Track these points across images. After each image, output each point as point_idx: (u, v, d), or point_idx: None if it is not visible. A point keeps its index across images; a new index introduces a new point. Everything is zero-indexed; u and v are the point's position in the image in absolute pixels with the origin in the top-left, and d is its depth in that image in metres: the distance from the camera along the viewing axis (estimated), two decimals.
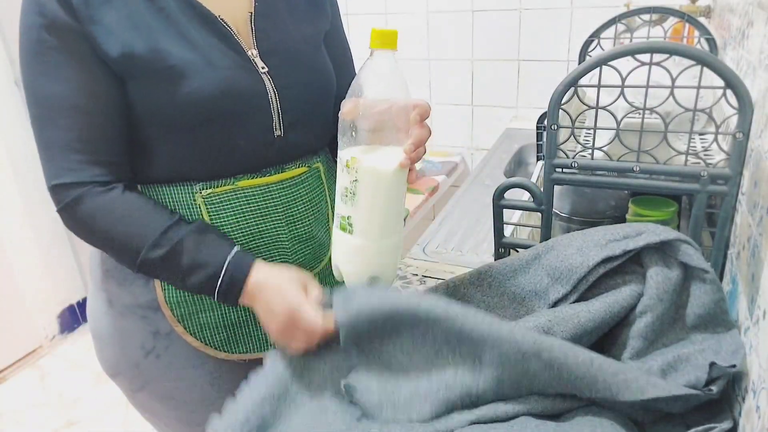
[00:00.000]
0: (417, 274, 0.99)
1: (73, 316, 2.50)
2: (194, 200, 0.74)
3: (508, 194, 0.71)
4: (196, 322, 0.78)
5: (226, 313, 0.79)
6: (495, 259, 0.76)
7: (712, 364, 0.50)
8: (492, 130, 2.09)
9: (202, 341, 0.79)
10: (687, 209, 0.82)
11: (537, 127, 1.01)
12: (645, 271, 0.57)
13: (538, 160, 1.09)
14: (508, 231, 0.80)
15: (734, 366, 0.49)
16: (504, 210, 0.73)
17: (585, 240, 0.60)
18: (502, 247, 0.75)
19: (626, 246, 0.57)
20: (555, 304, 0.60)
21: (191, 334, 0.78)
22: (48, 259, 2.34)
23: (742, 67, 0.78)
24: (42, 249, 2.31)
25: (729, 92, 0.57)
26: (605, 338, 0.58)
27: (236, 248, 0.70)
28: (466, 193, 1.43)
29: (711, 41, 0.98)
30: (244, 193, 0.75)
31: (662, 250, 0.57)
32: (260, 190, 0.76)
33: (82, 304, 2.52)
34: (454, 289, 0.67)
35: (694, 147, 0.77)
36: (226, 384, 0.83)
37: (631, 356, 0.55)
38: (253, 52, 0.73)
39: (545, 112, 0.69)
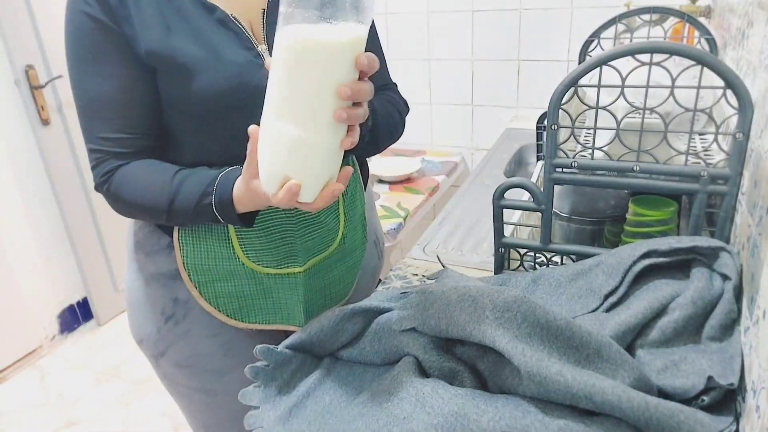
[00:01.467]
0: (417, 274, 0.99)
1: (73, 316, 2.50)
2: None
3: (508, 194, 0.71)
4: (212, 290, 0.84)
5: (239, 286, 0.84)
6: (495, 259, 0.76)
7: (710, 378, 0.51)
8: (492, 130, 2.09)
9: (216, 308, 0.84)
10: (687, 209, 0.82)
11: (537, 127, 1.01)
12: (690, 280, 0.59)
13: (538, 160, 1.09)
14: (508, 231, 0.80)
15: (732, 384, 0.50)
16: (504, 210, 0.73)
17: (643, 242, 0.62)
18: (502, 247, 0.75)
19: (675, 244, 0.59)
20: (606, 298, 0.62)
21: (206, 301, 0.84)
22: (48, 259, 2.34)
23: (742, 67, 0.78)
24: (42, 249, 2.31)
25: (729, 92, 0.57)
26: None
27: (222, 173, 0.73)
28: (466, 193, 1.43)
29: (711, 41, 0.98)
30: None
31: (710, 265, 0.59)
32: None
33: (82, 304, 2.52)
34: (509, 279, 0.70)
35: (694, 147, 0.77)
36: (239, 355, 0.88)
37: (642, 344, 0.56)
38: (263, 47, 0.76)
39: (545, 112, 0.69)
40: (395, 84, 1.01)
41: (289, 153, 0.57)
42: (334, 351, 0.67)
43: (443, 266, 0.72)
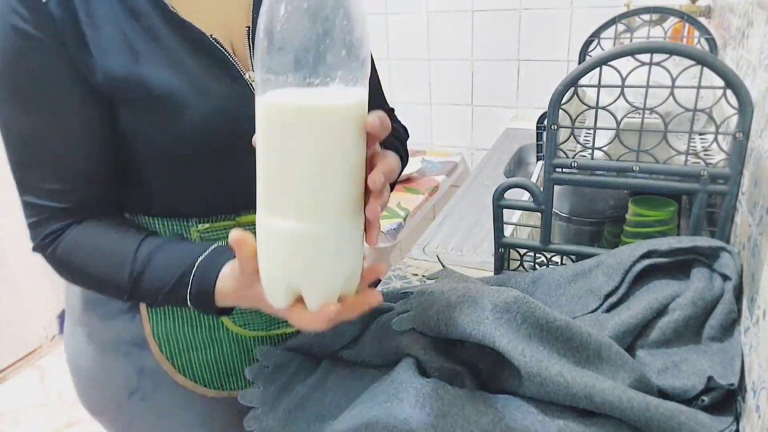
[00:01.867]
0: (417, 274, 0.99)
1: None
2: (189, 234, 0.68)
3: (508, 194, 0.71)
4: (187, 359, 0.72)
5: (219, 351, 0.73)
6: (495, 259, 0.76)
7: (710, 379, 0.51)
8: (492, 130, 2.09)
9: (192, 379, 0.73)
10: (687, 209, 0.82)
11: (537, 127, 1.01)
12: (690, 280, 0.59)
13: (538, 160, 1.09)
14: (508, 231, 0.80)
15: (732, 385, 0.50)
16: (504, 210, 0.73)
17: (643, 242, 0.62)
18: (502, 247, 0.75)
19: (675, 244, 0.59)
20: (606, 298, 0.62)
21: (181, 373, 0.72)
22: None
23: (742, 67, 0.78)
24: None
25: (729, 92, 0.57)
26: None
27: (205, 253, 0.59)
28: (466, 193, 1.43)
29: (711, 41, 0.98)
30: (245, 229, 0.67)
31: (710, 265, 0.59)
32: None
33: None
34: (509, 279, 0.69)
35: (694, 147, 0.77)
36: (217, 423, 0.77)
37: (642, 345, 0.56)
38: (250, 75, 0.64)
39: (545, 112, 0.69)
40: (393, 109, 0.89)
41: (289, 253, 0.44)
42: (334, 352, 0.67)
43: (443, 266, 0.72)
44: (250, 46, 0.65)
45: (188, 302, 0.58)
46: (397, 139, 0.80)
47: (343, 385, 0.62)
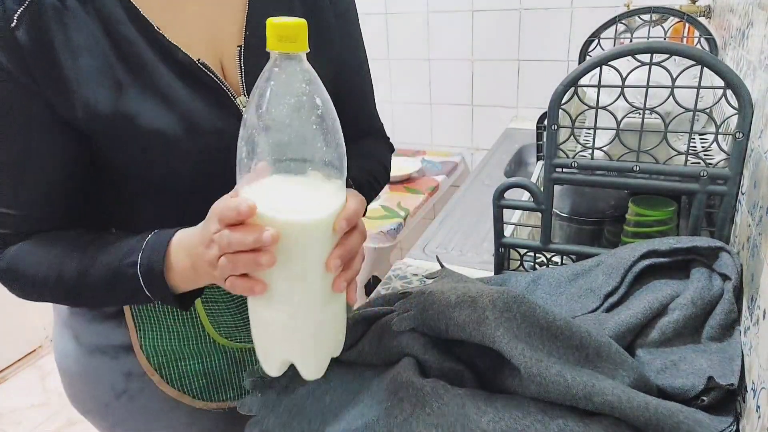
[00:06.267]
0: (417, 274, 0.99)
1: None
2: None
3: (508, 194, 0.71)
4: (175, 370, 0.72)
5: (207, 362, 0.73)
6: (495, 259, 0.76)
7: (710, 378, 0.51)
8: (492, 130, 2.09)
9: (180, 390, 0.73)
10: (686, 209, 0.82)
11: (537, 127, 1.01)
12: (690, 280, 0.59)
13: (538, 160, 1.09)
14: (508, 231, 0.80)
15: (732, 385, 0.50)
16: (504, 210, 0.73)
17: (643, 242, 0.62)
18: (502, 247, 0.75)
19: (675, 244, 0.59)
20: (605, 298, 0.62)
21: (168, 383, 0.72)
22: None
23: (742, 67, 0.78)
24: None
25: (729, 92, 0.57)
26: None
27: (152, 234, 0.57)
28: (466, 193, 1.43)
29: (711, 41, 0.98)
30: None
31: (710, 266, 0.59)
32: None
33: None
34: (509, 279, 0.69)
35: (694, 147, 0.77)
36: (206, 426, 0.77)
37: (641, 344, 0.57)
38: (241, 100, 0.62)
39: (545, 112, 0.69)
40: (382, 125, 0.87)
41: (282, 339, 0.49)
42: None
43: (442, 266, 0.72)
44: (241, 67, 0.62)
45: (139, 276, 0.55)
46: (372, 176, 0.78)
47: (343, 385, 0.62)
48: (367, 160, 0.77)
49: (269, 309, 0.48)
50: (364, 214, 0.52)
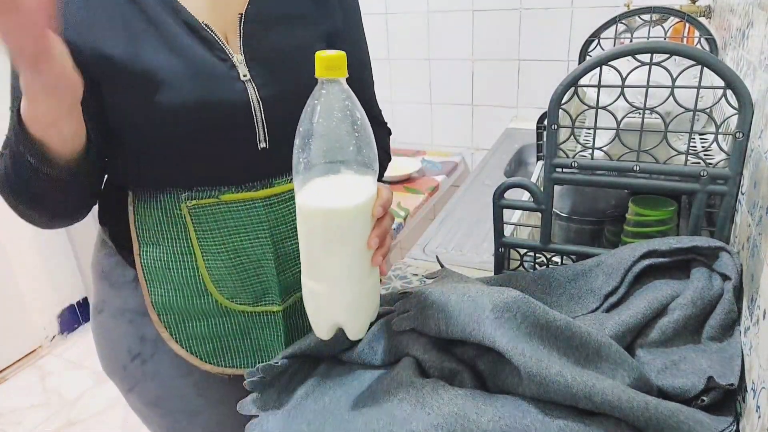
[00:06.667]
0: (417, 274, 0.99)
1: (73, 316, 2.50)
2: (180, 210, 0.72)
3: (508, 194, 0.71)
4: (183, 331, 0.76)
5: (213, 325, 0.77)
6: (495, 259, 0.76)
7: (710, 378, 0.51)
8: (492, 130, 2.09)
9: (188, 350, 0.77)
10: (687, 209, 0.82)
11: (537, 127, 1.01)
12: (690, 280, 0.59)
13: (538, 160, 1.09)
14: (508, 231, 0.80)
15: (732, 385, 0.50)
16: (504, 210, 0.73)
17: (643, 242, 0.62)
18: (502, 247, 0.75)
19: (675, 244, 0.59)
20: (606, 298, 0.62)
21: (177, 342, 0.77)
22: (48, 259, 2.34)
23: (742, 67, 0.78)
24: (42, 249, 2.31)
25: (729, 92, 0.57)
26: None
27: None
28: (466, 193, 1.43)
29: (711, 41, 0.98)
30: (228, 207, 0.72)
31: (710, 266, 0.59)
32: (245, 205, 0.73)
33: (82, 304, 2.52)
34: (509, 279, 0.70)
35: (694, 147, 0.77)
36: (214, 395, 0.81)
37: (641, 344, 0.57)
38: (238, 58, 0.69)
39: (545, 112, 0.69)
40: (380, 111, 0.94)
41: (332, 308, 0.59)
42: (334, 355, 0.67)
43: (441, 266, 0.72)
44: (240, 31, 0.69)
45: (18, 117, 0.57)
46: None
47: (342, 385, 0.62)
48: None
49: (319, 283, 0.57)
50: None
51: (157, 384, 0.80)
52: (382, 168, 0.91)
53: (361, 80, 0.87)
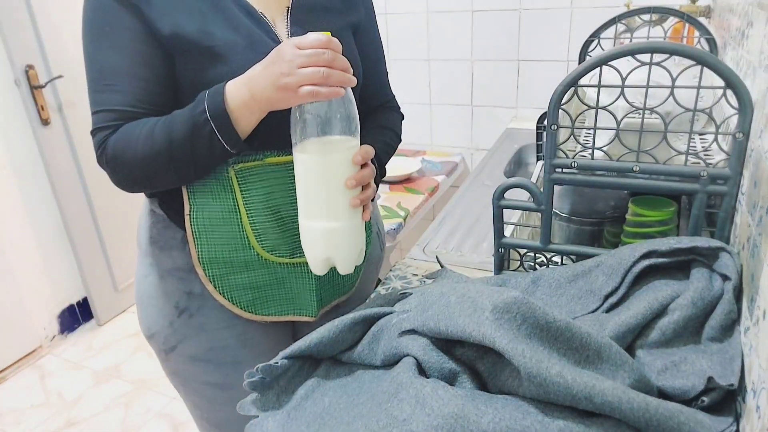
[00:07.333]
0: (417, 274, 0.99)
1: (73, 316, 2.50)
2: (227, 173, 0.80)
3: (508, 194, 0.71)
4: (226, 283, 0.85)
5: (254, 276, 0.85)
6: (495, 259, 0.76)
7: (710, 379, 0.51)
8: (492, 130, 2.09)
9: (230, 301, 0.86)
10: (687, 209, 0.82)
11: (537, 127, 1.01)
12: (690, 281, 0.59)
13: (538, 160, 1.09)
14: (508, 231, 0.80)
15: (732, 385, 0.50)
16: (504, 210, 0.73)
17: (643, 242, 0.62)
18: (502, 247, 0.75)
19: (675, 244, 0.59)
20: (606, 299, 0.62)
21: (221, 294, 0.85)
22: (48, 259, 2.34)
23: (742, 67, 0.78)
24: (42, 249, 2.31)
25: (729, 92, 0.57)
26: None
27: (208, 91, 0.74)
28: (466, 193, 1.43)
29: (711, 41, 0.98)
30: (271, 168, 0.82)
31: (710, 266, 0.59)
32: (286, 167, 0.82)
33: (82, 304, 2.52)
34: (509, 279, 0.70)
35: (694, 147, 0.77)
36: (256, 345, 0.90)
37: (641, 345, 0.56)
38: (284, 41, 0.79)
39: (545, 112, 0.69)
40: (393, 96, 1.08)
41: (323, 242, 0.73)
42: (334, 355, 0.67)
43: (441, 266, 0.72)
44: (288, 21, 0.83)
45: (208, 118, 0.71)
46: (388, 133, 1.00)
47: (342, 386, 0.62)
48: (383, 131, 0.99)
49: (312, 221, 0.73)
50: (384, 175, 0.93)
51: (204, 337, 0.88)
52: (392, 149, 1.00)
53: (377, 70, 1.02)
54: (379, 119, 1.01)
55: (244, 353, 0.89)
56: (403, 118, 1.06)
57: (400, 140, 1.04)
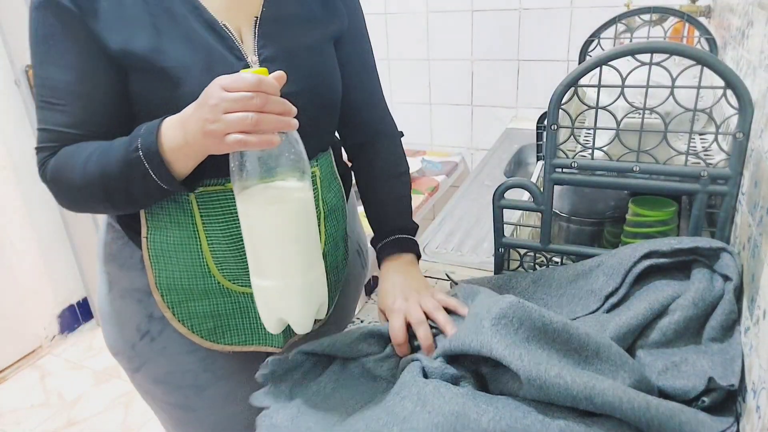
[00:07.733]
0: None
1: (73, 316, 2.50)
2: (188, 196, 0.74)
3: (508, 194, 0.71)
4: (185, 310, 0.80)
5: (215, 304, 0.80)
6: (495, 260, 0.76)
7: (710, 379, 0.51)
8: (492, 130, 2.09)
9: (190, 329, 0.81)
10: (687, 209, 0.82)
11: (537, 127, 1.01)
12: (691, 281, 0.59)
13: (538, 160, 1.09)
14: (508, 231, 0.80)
15: (732, 385, 0.50)
16: (504, 210, 0.73)
17: (644, 242, 0.62)
18: (502, 247, 0.75)
19: (676, 244, 0.59)
20: (606, 299, 0.62)
21: (179, 321, 0.80)
22: (48, 259, 2.34)
23: (742, 67, 0.78)
24: (42, 249, 2.31)
25: (729, 92, 0.57)
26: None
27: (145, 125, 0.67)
28: (466, 193, 1.43)
29: (711, 41, 0.98)
30: (233, 195, 0.74)
31: (711, 266, 0.59)
32: None
33: (82, 304, 2.52)
34: (509, 280, 0.70)
35: (694, 147, 0.77)
36: (219, 371, 0.85)
37: (642, 345, 0.57)
38: (252, 59, 0.73)
39: (545, 112, 0.69)
40: (388, 114, 0.98)
41: (275, 302, 0.65)
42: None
43: (453, 283, 0.72)
44: (255, 33, 0.74)
45: (144, 161, 0.64)
46: (399, 189, 0.91)
47: (350, 387, 0.62)
48: (399, 200, 0.91)
49: (264, 279, 0.63)
50: (417, 229, 0.89)
51: (166, 361, 0.83)
52: (405, 173, 0.93)
53: (364, 84, 0.91)
54: (383, 188, 0.91)
55: (206, 377, 0.84)
56: (402, 136, 0.98)
57: (407, 164, 0.96)
